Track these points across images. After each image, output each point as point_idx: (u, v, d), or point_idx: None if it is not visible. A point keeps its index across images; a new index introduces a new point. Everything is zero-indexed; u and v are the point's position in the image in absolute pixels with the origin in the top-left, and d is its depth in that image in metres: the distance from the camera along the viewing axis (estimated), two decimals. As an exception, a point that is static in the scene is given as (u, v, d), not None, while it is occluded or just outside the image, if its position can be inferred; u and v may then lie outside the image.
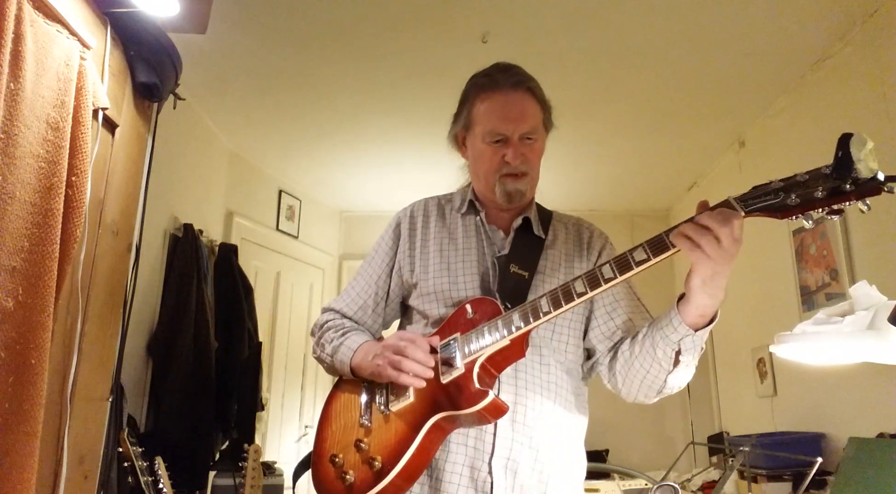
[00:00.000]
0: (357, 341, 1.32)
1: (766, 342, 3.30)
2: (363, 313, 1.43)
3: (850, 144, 0.93)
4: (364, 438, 1.22)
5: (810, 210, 0.96)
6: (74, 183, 1.38)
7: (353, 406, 1.30)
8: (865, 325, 1.18)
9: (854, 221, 2.62)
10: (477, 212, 1.40)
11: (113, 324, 1.67)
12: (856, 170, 0.92)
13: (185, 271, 2.94)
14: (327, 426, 1.31)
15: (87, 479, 1.55)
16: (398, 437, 1.17)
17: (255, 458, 2.39)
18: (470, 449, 1.20)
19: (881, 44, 2.45)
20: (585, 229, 1.44)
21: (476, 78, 1.41)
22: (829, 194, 0.94)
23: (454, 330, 1.23)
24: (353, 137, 3.70)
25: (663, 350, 1.15)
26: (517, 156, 1.30)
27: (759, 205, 1.00)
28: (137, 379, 2.76)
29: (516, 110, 1.32)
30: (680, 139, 3.68)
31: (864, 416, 2.50)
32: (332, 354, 1.34)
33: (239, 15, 2.58)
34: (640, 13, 2.55)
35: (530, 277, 1.30)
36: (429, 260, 1.37)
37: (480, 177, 1.37)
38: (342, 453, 1.23)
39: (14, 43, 1.19)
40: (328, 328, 1.41)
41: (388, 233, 1.46)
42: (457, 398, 1.15)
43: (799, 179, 0.98)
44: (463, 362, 1.17)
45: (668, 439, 4.60)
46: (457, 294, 1.31)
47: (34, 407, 1.21)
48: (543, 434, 1.22)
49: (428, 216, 1.44)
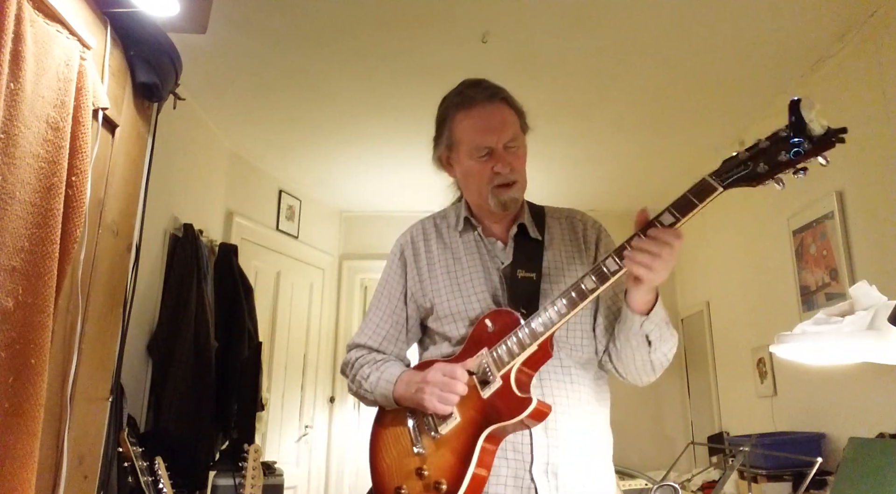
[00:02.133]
0: (395, 373, 1.36)
1: (766, 342, 3.30)
2: (388, 343, 1.48)
3: (801, 108, 1.04)
4: (423, 465, 1.27)
5: (779, 173, 1.07)
6: (74, 183, 1.38)
7: (401, 436, 1.34)
8: (865, 325, 1.18)
9: (854, 221, 2.62)
10: (474, 228, 1.46)
11: (113, 324, 1.67)
12: (809, 130, 1.03)
13: (185, 271, 2.94)
14: (381, 460, 1.36)
15: (87, 479, 1.55)
16: (456, 458, 1.24)
17: (255, 458, 2.39)
18: (511, 462, 1.27)
19: (881, 44, 2.45)
20: (578, 222, 1.50)
21: (449, 98, 1.45)
22: (793, 155, 1.05)
23: (480, 345, 1.29)
24: (353, 137, 3.70)
25: (635, 339, 1.28)
26: (505, 165, 1.36)
27: (734, 178, 1.10)
28: (137, 379, 2.76)
29: (496, 121, 1.38)
30: (680, 139, 3.67)
31: (864, 416, 2.50)
32: (372, 390, 1.39)
33: (239, 15, 2.58)
34: (640, 13, 2.55)
35: (538, 278, 1.37)
36: (439, 283, 1.42)
37: (473, 192, 1.43)
38: (405, 483, 1.29)
39: (14, 43, 1.19)
40: (361, 364, 1.45)
41: (395, 261, 1.51)
42: (501, 409, 1.21)
43: (762, 146, 1.08)
44: (499, 374, 1.23)
45: (668, 439, 4.60)
46: (472, 312, 1.36)
47: (34, 407, 1.21)
48: (574, 433, 1.30)
49: (428, 239, 1.49)
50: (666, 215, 1.16)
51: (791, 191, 3.05)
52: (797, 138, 1.04)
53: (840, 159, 2.79)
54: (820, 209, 2.81)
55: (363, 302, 4.99)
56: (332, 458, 4.62)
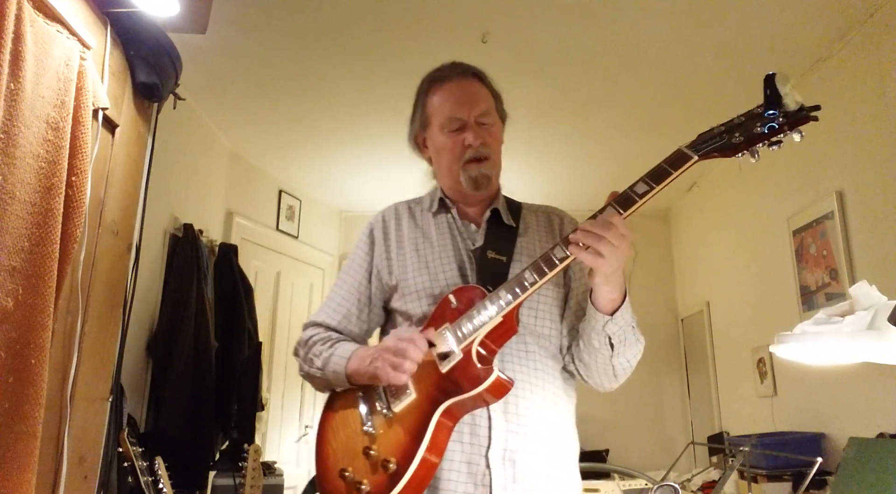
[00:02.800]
0: (349, 348, 1.29)
1: (766, 342, 3.30)
2: (347, 322, 1.40)
3: (776, 82, 1.06)
4: (371, 445, 1.18)
5: (754, 144, 1.08)
6: (74, 183, 1.38)
7: (351, 418, 1.25)
8: (865, 325, 1.18)
9: (854, 221, 2.62)
10: (447, 210, 1.42)
11: (113, 324, 1.67)
12: (784, 105, 1.04)
13: (185, 271, 2.94)
14: (327, 444, 1.26)
15: (87, 479, 1.55)
16: (408, 435, 1.15)
17: (255, 458, 2.39)
18: (466, 445, 1.20)
19: (881, 44, 2.45)
20: (555, 216, 1.46)
21: (425, 78, 1.45)
22: (768, 128, 1.06)
23: (442, 321, 1.22)
24: (353, 137, 3.70)
25: (597, 339, 1.22)
26: (476, 137, 1.33)
27: (709, 148, 1.10)
28: (137, 379, 2.76)
29: (468, 94, 1.36)
30: (680, 139, 3.66)
31: (864, 416, 2.50)
32: (322, 367, 1.30)
33: (239, 15, 2.58)
34: (640, 13, 2.55)
35: (508, 261, 1.32)
36: (406, 260, 1.37)
37: (445, 170, 1.39)
38: (351, 465, 1.19)
39: (14, 43, 1.19)
40: (314, 342, 1.36)
41: (363, 240, 1.46)
42: (460, 382, 1.14)
43: (737, 121, 1.11)
44: (459, 347, 1.17)
45: (668, 439, 4.60)
46: (437, 289, 1.31)
47: (34, 407, 1.21)
48: (536, 422, 1.24)
49: (400, 219, 1.45)
50: (640, 184, 1.13)
51: (791, 191, 3.06)
52: (771, 111, 1.05)
53: (840, 159, 2.80)
54: (820, 209, 2.81)
55: (363, 302, 4.99)
56: (332, 458, 4.61)
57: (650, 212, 4.82)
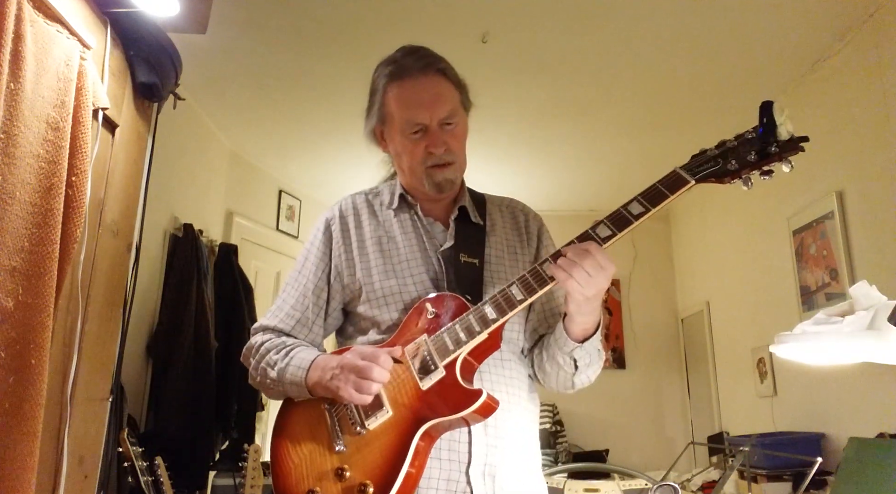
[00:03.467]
0: (307, 357, 1.19)
1: (766, 342, 3.30)
2: (301, 328, 1.29)
3: (773, 111, 1.05)
4: (343, 464, 1.11)
5: (746, 172, 1.07)
6: (74, 183, 1.38)
7: (317, 432, 1.16)
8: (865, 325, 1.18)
9: (854, 221, 2.62)
10: (410, 207, 1.34)
11: (113, 324, 1.67)
12: (777, 133, 1.04)
13: (185, 271, 2.94)
14: (287, 459, 1.17)
15: (87, 479, 1.55)
16: (385, 457, 1.08)
17: (256, 458, 2.39)
18: (444, 462, 1.14)
19: (881, 44, 2.45)
20: (520, 212, 1.42)
21: (382, 66, 1.33)
22: (759, 157, 1.05)
23: (417, 332, 1.15)
24: (354, 137, 3.70)
25: (562, 358, 1.20)
26: (439, 144, 1.24)
27: (705, 173, 1.09)
28: (137, 379, 2.76)
29: (430, 96, 1.25)
30: (680, 139, 3.67)
31: (864, 416, 2.50)
32: (278, 378, 1.19)
33: (239, 15, 2.58)
34: (640, 13, 2.55)
35: (481, 265, 1.27)
36: (370, 262, 1.27)
37: (406, 172, 1.31)
38: (319, 485, 1.11)
39: (14, 43, 1.19)
40: (266, 349, 1.25)
41: (318, 237, 1.34)
42: (445, 402, 1.08)
43: (730, 145, 1.09)
44: (442, 364, 1.10)
45: (668, 439, 4.60)
46: (408, 295, 1.22)
47: (34, 407, 1.21)
48: (513, 432, 1.20)
49: (359, 214, 1.35)
50: (634, 204, 1.09)
51: (791, 191, 3.06)
52: (765, 140, 1.05)
53: (840, 159, 2.80)
54: (820, 209, 2.81)
55: (363, 302, 4.99)
56: (332, 458, 4.61)
57: (650, 212, 4.82)
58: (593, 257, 1.05)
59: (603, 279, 1.07)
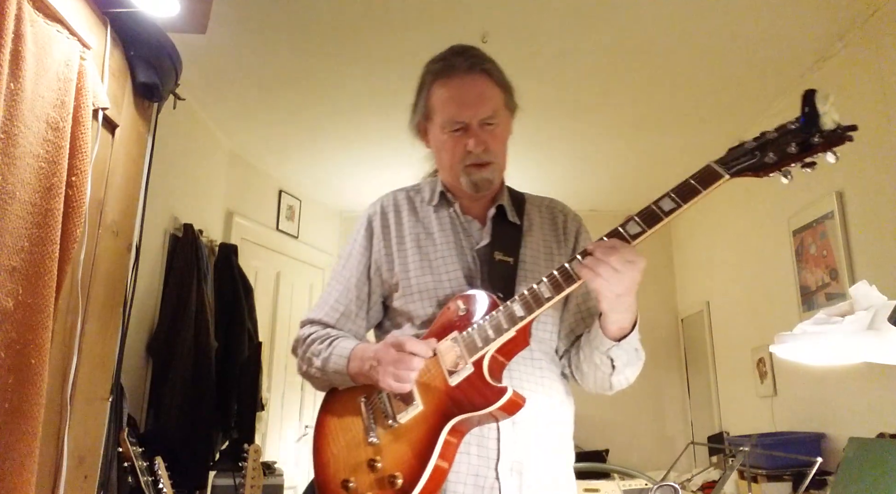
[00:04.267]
0: (347, 346, 1.24)
1: (766, 342, 3.30)
2: (346, 320, 1.35)
3: (816, 100, 0.99)
4: (376, 456, 1.15)
5: (786, 165, 1.02)
6: (74, 183, 1.37)
7: (352, 424, 1.22)
8: (865, 325, 1.18)
9: (854, 221, 2.62)
10: (450, 204, 1.36)
11: (113, 324, 1.67)
12: (821, 123, 0.98)
13: (185, 271, 2.94)
14: (326, 449, 1.23)
15: (87, 479, 1.55)
16: (415, 449, 1.11)
17: (255, 458, 2.39)
18: (473, 458, 1.17)
19: (881, 44, 2.45)
20: (559, 212, 1.42)
21: (431, 64, 1.35)
22: (801, 149, 1.00)
23: (449, 328, 1.18)
24: (353, 137, 3.70)
25: (599, 357, 1.20)
26: (479, 143, 1.26)
27: (741, 166, 1.04)
28: (137, 378, 2.76)
29: (473, 95, 1.27)
30: (680, 139, 3.67)
31: (864, 416, 2.50)
32: (322, 367, 1.26)
33: (239, 15, 2.58)
34: (639, 13, 2.55)
35: (515, 263, 1.28)
36: (407, 258, 1.31)
37: (446, 167, 1.34)
38: (354, 476, 1.16)
39: (14, 43, 1.19)
40: (312, 341, 1.32)
41: (360, 232, 1.39)
42: (472, 398, 1.10)
43: (770, 137, 1.03)
44: (470, 360, 1.12)
45: (668, 439, 4.60)
46: (442, 291, 1.26)
47: (34, 407, 1.21)
48: (542, 430, 1.23)
49: (399, 211, 1.39)
50: (665, 200, 1.07)
51: (791, 191, 3.06)
52: (807, 131, 0.99)
53: (840, 159, 2.79)
54: (820, 209, 2.81)
55: (363, 302, 4.99)
56: (332, 458, 4.61)
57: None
58: (619, 253, 1.04)
59: (631, 275, 1.05)
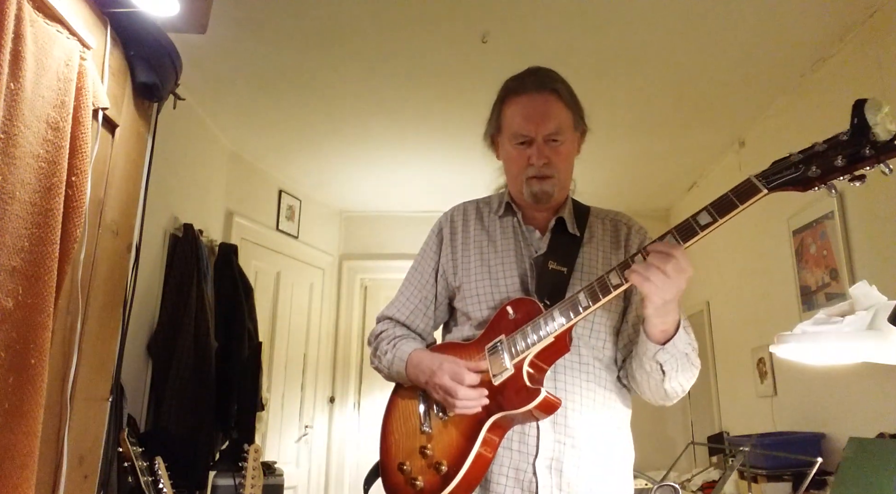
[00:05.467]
0: (406, 350, 1.38)
1: (766, 342, 3.30)
2: (415, 317, 1.49)
3: (865, 110, 0.94)
4: (427, 444, 1.29)
5: (832, 179, 0.98)
6: (74, 183, 1.37)
7: (412, 414, 1.36)
8: (865, 325, 1.18)
9: (854, 221, 2.62)
10: (514, 214, 1.45)
11: (113, 324, 1.67)
12: (873, 134, 0.93)
13: (185, 271, 2.94)
14: (391, 434, 1.38)
15: (87, 479, 1.55)
16: (459, 441, 1.24)
17: (255, 458, 2.39)
18: (514, 453, 1.26)
19: (881, 44, 2.45)
20: (623, 224, 1.47)
21: (508, 81, 1.45)
22: (849, 161, 0.95)
23: (498, 332, 1.28)
24: (353, 137, 3.70)
25: (648, 364, 1.23)
26: (540, 157, 1.35)
27: (782, 180, 1.02)
28: (137, 379, 2.76)
29: (539, 112, 1.36)
30: (680, 139, 3.67)
31: (864, 416, 2.50)
32: (388, 367, 1.42)
33: (239, 15, 2.58)
34: (639, 14, 2.55)
35: (569, 273, 1.34)
36: (470, 263, 1.42)
37: (512, 178, 1.43)
38: (408, 460, 1.31)
39: (14, 43, 1.19)
40: (381, 339, 1.47)
41: (432, 238, 1.52)
42: (511, 397, 1.20)
43: (818, 149, 0.99)
44: (512, 363, 1.22)
45: (668, 439, 4.60)
46: (498, 295, 1.36)
47: (34, 407, 1.21)
48: (584, 433, 1.27)
49: (468, 220, 1.50)
50: (703, 214, 1.08)
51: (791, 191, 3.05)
52: (857, 142, 0.94)
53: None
54: (820, 209, 2.81)
55: (363, 302, 4.99)
56: (332, 458, 4.62)
57: (650, 212, 4.82)
58: (674, 261, 1.07)
59: (682, 281, 1.09)
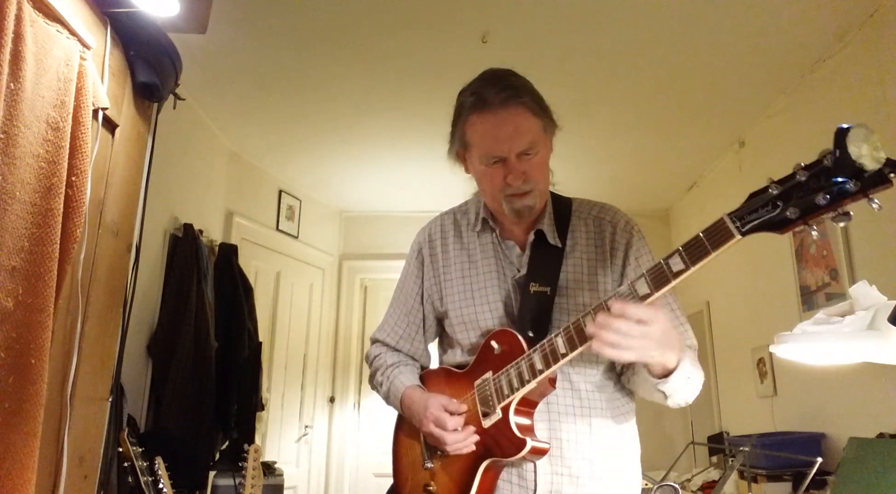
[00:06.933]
0: (399, 388, 1.40)
1: (766, 342, 3.30)
2: (405, 342, 1.49)
3: (848, 142, 0.83)
4: (430, 481, 1.32)
5: (812, 219, 0.88)
6: (74, 183, 1.37)
7: (414, 446, 1.39)
8: (865, 325, 1.18)
9: (854, 221, 2.60)
10: (492, 230, 1.39)
11: (113, 324, 1.67)
12: (859, 165, 0.82)
13: (185, 271, 2.94)
14: (398, 463, 1.43)
15: (87, 479, 1.55)
16: (457, 482, 1.26)
17: (255, 458, 2.39)
18: (514, 487, 1.26)
19: (881, 44, 2.45)
20: (607, 223, 1.36)
21: (465, 94, 1.33)
22: (833, 198, 0.85)
23: (486, 366, 1.27)
24: (353, 137, 3.70)
25: (650, 388, 1.20)
26: (517, 176, 1.26)
27: (757, 222, 0.92)
28: (137, 379, 2.76)
29: (509, 130, 1.25)
30: (680, 139, 3.67)
31: (864, 416, 2.50)
32: (385, 396, 1.45)
33: (239, 15, 2.57)
34: (639, 13, 2.55)
35: (552, 293, 1.29)
36: (453, 288, 1.40)
37: (487, 195, 1.35)
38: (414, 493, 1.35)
39: (14, 43, 1.19)
40: (376, 367, 1.48)
41: (412, 261, 1.49)
42: (501, 444, 1.21)
43: (799, 179, 0.88)
44: (499, 407, 1.22)
45: (668, 439, 4.60)
46: (484, 322, 1.34)
47: (34, 407, 1.21)
48: (582, 460, 1.25)
49: (446, 237, 1.45)
50: (675, 258, 1.01)
51: (791, 191, 3.05)
52: (840, 176, 0.83)
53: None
54: (820, 209, 2.81)
55: (363, 302, 4.99)
56: (332, 458, 4.62)
57: (650, 212, 4.82)
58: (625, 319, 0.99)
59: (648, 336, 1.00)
